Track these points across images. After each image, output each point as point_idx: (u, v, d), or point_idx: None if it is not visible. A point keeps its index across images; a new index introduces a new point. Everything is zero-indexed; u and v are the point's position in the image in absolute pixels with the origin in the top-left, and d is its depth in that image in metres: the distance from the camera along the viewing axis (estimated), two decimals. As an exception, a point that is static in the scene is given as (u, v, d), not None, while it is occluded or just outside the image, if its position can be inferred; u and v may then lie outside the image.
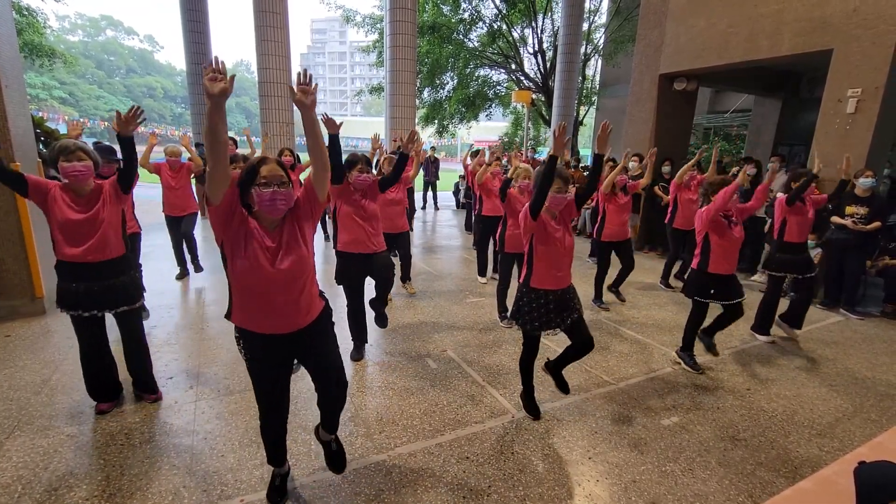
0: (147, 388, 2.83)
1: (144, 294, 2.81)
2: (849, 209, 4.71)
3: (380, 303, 3.52)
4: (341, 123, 2.92)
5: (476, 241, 5.92)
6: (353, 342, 3.54)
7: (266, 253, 1.70)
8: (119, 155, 2.70)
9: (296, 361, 1.94)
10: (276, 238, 1.74)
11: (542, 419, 2.79)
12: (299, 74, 1.70)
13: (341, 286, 3.43)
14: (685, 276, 3.81)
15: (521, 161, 5.73)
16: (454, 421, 2.74)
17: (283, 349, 1.84)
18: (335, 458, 2.14)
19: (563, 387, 2.85)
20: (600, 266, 4.84)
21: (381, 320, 3.55)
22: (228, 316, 1.82)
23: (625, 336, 4.12)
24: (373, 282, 3.41)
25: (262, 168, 1.67)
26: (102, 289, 2.49)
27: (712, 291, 3.29)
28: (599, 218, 4.78)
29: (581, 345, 2.65)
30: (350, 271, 3.36)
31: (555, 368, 2.85)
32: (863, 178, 4.60)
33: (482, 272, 5.59)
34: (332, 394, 2.00)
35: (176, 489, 2.13)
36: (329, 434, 2.15)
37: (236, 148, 6.45)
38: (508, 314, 4.22)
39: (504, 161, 7.47)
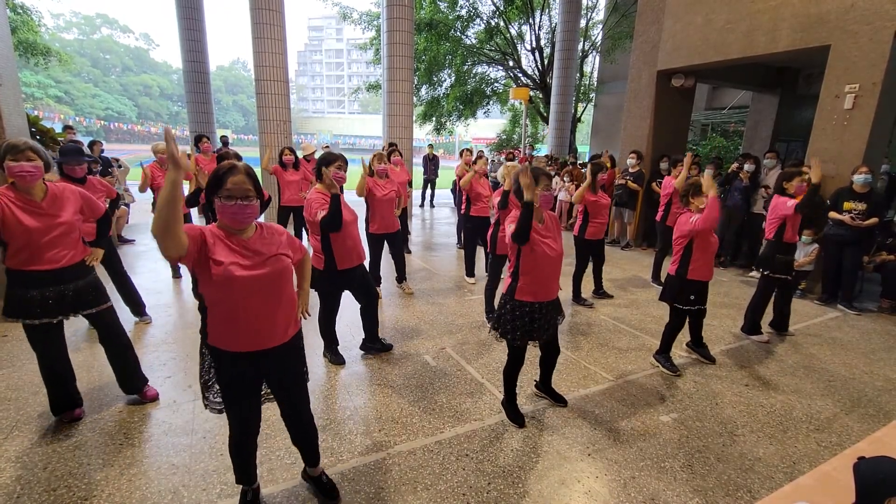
0: (136, 387, 2.79)
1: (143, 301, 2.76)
2: (846, 205, 4.72)
3: (374, 331, 3.55)
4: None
5: (464, 242, 5.88)
6: (326, 346, 3.46)
7: (240, 260, 1.64)
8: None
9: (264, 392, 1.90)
10: (252, 245, 1.69)
11: (540, 418, 2.79)
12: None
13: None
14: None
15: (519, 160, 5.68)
16: (453, 418, 2.74)
17: (253, 368, 1.77)
18: (328, 491, 2.08)
19: (559, 400, 2.93)
20: (580, 264, 4.85)
21: (384, 345, 3.59)
22: (204, 335, 1.76)
23: (623, 332, 4.12)
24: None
25: (229, 179, 1.62)
26: (67, 292, 2.41)
27: (692, 297, 3.24)
28: (582, 217, 4.74)
29: (553, 353, 2.80)
30: (342, 285, 3.26)
31: (544, 387, 2.97)
32: (860, 174, 4.61)
33: (470, 272, 5.57)
34: (303, 422, 1.99)
35: (175, 488, 2.12)
36: (315, 467, 2.11)
37: (227, 146, 6.42)
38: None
39: (493, 157, 7.44)
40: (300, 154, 6.61)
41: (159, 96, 52.61)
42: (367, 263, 3.45)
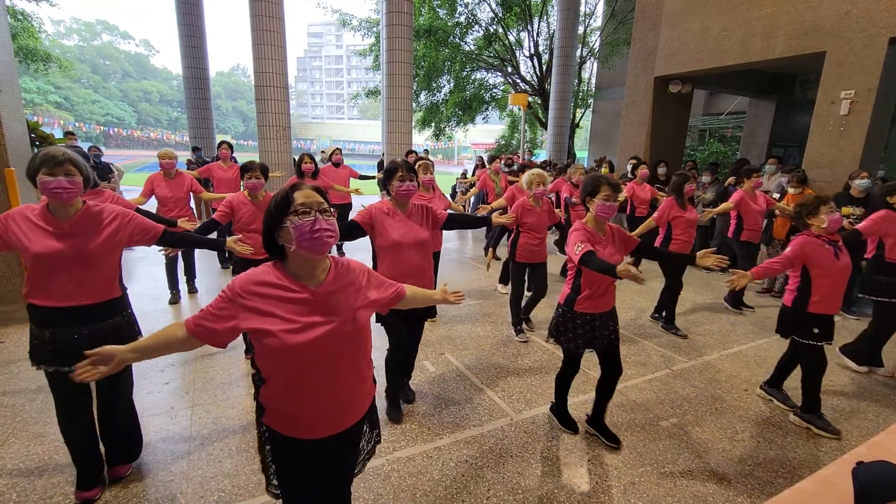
0: (127, 455, 2.27)
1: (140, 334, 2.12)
2: (845, 210, 4.73)
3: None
4: None
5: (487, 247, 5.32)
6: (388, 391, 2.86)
7: (300, 318, 1.27)
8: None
9: None
10: (321, 295, 1.31)
11: (538, 422, 2.78)
12: None
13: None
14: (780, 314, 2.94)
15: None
16: (453, 424, 2.73)
17: (316, 456, 1.38)
18: None
19: (612, 439, 2.56)
20: (674, 283, 4.30)
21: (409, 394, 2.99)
22: (259, 410, 1.39)
23: (623, 338, 4.11)
24: None
25: (297, 194, 1.29)
26: (86, 336, 1.88)
27: (815, 331, 2.71)
28: (664, 233, 4.30)
29: (613, 372, 2.54)
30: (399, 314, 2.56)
31: (597, 421, 2.63)
32: (858, 179, 4.64)
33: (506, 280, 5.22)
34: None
35: (173, 495, 2.11)
36: None
37: (232, 152, 6.36)
38: (524, 328, 4.07)
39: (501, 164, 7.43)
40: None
41: (159, 102, 52.76)
42: None
